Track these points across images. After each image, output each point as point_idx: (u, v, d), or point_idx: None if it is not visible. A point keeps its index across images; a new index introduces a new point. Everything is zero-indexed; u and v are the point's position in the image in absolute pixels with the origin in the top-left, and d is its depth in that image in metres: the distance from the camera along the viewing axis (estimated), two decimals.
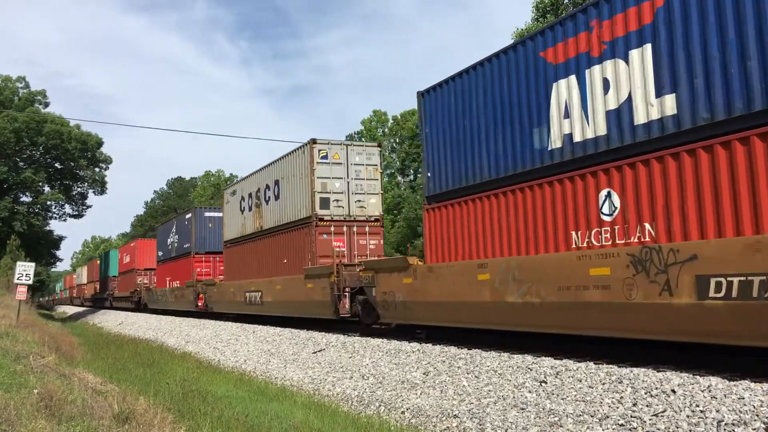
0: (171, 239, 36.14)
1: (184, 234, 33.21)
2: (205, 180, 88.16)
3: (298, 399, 10.69)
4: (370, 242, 19.19)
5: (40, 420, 5.81)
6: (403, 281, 13.78)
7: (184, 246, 32.74)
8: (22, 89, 48.32)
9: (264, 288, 21.48)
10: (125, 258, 50.03)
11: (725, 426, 6.33)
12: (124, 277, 50.13)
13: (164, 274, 36.99)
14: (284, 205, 20.83)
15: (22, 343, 12.82)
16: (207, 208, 33.74)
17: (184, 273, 32.04)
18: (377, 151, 19.97)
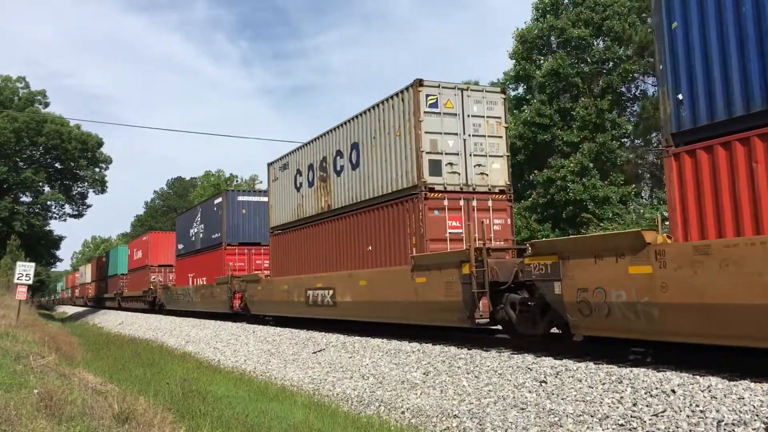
0: (194, 230, 31.82)
1: (212, 223, 28.69)
2: (205, 180, 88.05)
3: (298, 399, 10.69)
4: (494, 221, 14.37)
5: (40, 420, 5.81)
6: (629, 271, 8.84)
7: (213, 237, 28.43)
8: (22, 89, 48.36)
9: (338, 284, 16.63)
10: (136, 254, 45.84)
11: (725, 426, 6.33)
12: (134, 274, 45.90)
13: (186, 269, 32.98)
14: (367, 175, 16.08)
15: (22, 343, 12.83)
16: (241, 191, 28.50)
17: (213, 268, 27.77)
18: (501, 99, 15.01)
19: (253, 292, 22.60)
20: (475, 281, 11.41)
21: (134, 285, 45.06)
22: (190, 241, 32.59)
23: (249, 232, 26.88)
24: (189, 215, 33.88)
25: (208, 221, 29.43)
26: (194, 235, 31.65)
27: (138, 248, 45.37)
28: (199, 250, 30.80)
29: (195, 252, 31.49)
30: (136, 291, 43.08)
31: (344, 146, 17.30)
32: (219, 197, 27.97)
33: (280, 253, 21.44)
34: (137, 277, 44.44)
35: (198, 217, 31.29)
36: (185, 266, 33.25)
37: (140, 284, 42.54)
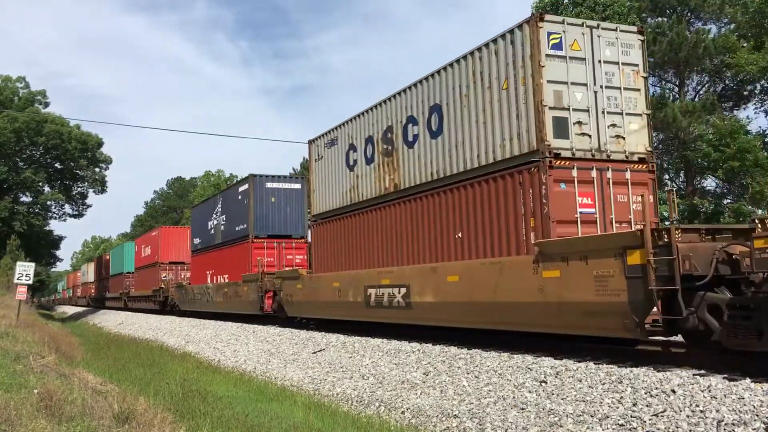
0: (214, 221, 28.60)
1: (236, 213, 25.53)
2: (205, 180, 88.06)
3: (298, 399, 10.69)
4: (633, 198, 11.08)
5: (40, 420, 5.81)
6: None
7: (237, 229, 25.25)
8: (22, 89, 48.38)
9: (415, 281, 13.40)
10: (144, 250, 42.25)
11: (725, 426, 6.33)
12: (142, 272, 42.60)
13: (203, 266, 29.68)
14: (454, 144, 12.82)
15: (22, 343, 12.83)
16: (270, 177, 24.52)
17: (237, 264, 24.78)
18: (638, 42, 11.65)
19: (291, 291, 19.39)
20: (654, 275, 8.26)
21: (142, 284, 42.08)
22: (208, 235, 29.43)
23: (279, 224, 23.96)
24: (207, 206, 30.42)
25: (231, 212, 26.34)
26: (214, 228, 28.54)
27: (146, 244, 41.91)
28: (219, 244, 27.68)
29: (215, 246, 28.33)
30: (145, 290, 40.23)
31: (419, 110, 14.03)
32: (244, 184, 24.63)
33: (326, 244, 17.88)
34: (145, 275, 41.18)
35: (218, 207, 28.06)
36: (203, 262, 29.94)
37: (149, 283, 39.53)
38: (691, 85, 31.97)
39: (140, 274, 43.26)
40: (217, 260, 27.71)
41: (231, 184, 30.22)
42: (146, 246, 41.60)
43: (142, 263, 42.30)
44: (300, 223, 24.38)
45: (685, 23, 29.98)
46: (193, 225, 33.09)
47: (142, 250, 42.80)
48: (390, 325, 14.99)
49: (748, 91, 30.82)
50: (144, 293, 40.32)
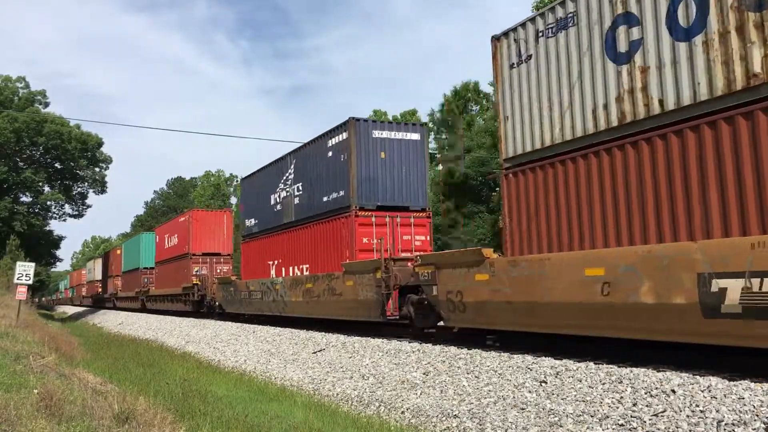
0: (281, 194, 21.44)
1: (323, 177, 18.45)
2: (205, 180, 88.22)
3: (298, 399, 10.69)
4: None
5: (40, 420, 5.81)
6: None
7: (326, 200, 18.15)
8: (22, 89, 48.39)
9: None
10: (169, 240, 35.66)
11: (725, 426, 6.33)
12: (166, 267, 35.95)
13: (262, 255, 22.76)
14: None
15: (22, 343, 12.83)
16: (378, 123, 17.75)
17: (326, 249, 17.99)
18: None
19: (462, 287, 12.08)
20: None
21: (166, 281, 35.51)
22: (271, 213, 22.28)
23: (391, 190, 17.07)
24: (268, 175, 22.85)
25: (314, 176, 19.15)
26: (281, 203, 21.42)
27: (172, 233, 35.05)
28: (291, 224, 20.50)
29: (283, 228, 21.15)
30: (171, 288, 33.68)
31: None
32: (340, 133, 17.45)
33: (540, 206, 10.80)
34: (171, 270, 34.56)
35: (289, 173, 20.92)
36: (261, 251, 22.92)
37: (176, 279, 32.87)
38: None
39: (164, 270, 36.73)
40: (286, 246, 20.68)
41: (313, 138, 19.38)
42: (171, 235, 34.99)
43: (166, 256, 36.00)
44: (420, 189, 17.70)
45: None
46: (246, 202, 25.09)
47: (166, 240, 36.20)
48: None
49: None
50: (170, 292, 33.72)
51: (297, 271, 19.97)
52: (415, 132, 17.87)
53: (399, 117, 59.27)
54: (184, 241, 32.54)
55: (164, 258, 36.82)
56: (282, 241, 21.35)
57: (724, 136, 7.96)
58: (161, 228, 39.23)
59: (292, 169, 20.98)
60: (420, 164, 17.79)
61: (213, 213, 34.27)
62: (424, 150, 17.96)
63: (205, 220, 32.49)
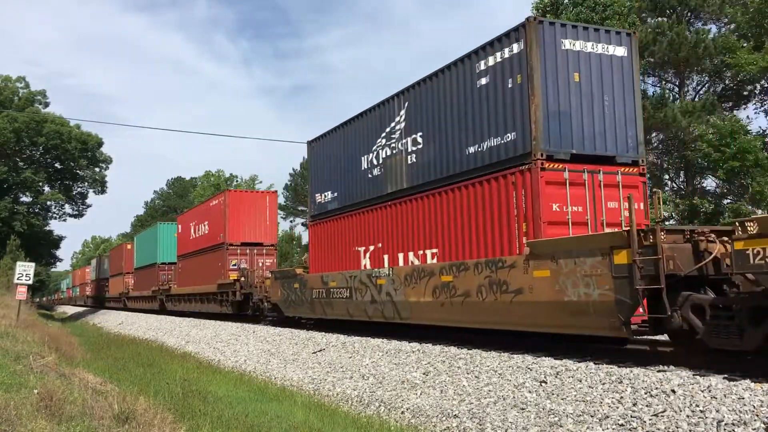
0: (383, 151, 15.39)
1: (470, 114, 12.56)
2: (205, 180, 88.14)
3: (298, 399, 10.69)
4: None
5: (40, 420, 5.81)
6: None
7: (474, 150, 12.33)
8: (22, 89, 48.38)
9: None
10: (197, 229, 30.22)
11: (725, 426, 6.33)
12: (192, 261, 30.63)
13: (346, 241, 16.87)
14: None
15: (22, 343, 12.83)
16: (567, 26, 11.70)
17: (479, 225, 12.08)
18: None
19: None
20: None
21: (193, 277, 30.26)
22: (361, 182, 16.30)
23: (590, 132, 11.40)
24: (358, 129, 16.68)
25: (445, 118, 13.29)
26: (383, 164, 15.39)
27: (200, 220, 29.78)
28: (403, 192, 14.57)
29: (386, 199, 15.22)
30: (202, 285, 28.35)
31: None
32: (506, 46, 11.69)
33: None
34: (199, 264, 29.28)
35: (398, 120, 14.91)
36: (345, 233, 16.97)
37: (207, 275, 27.52)
38: (691, 85, 31.95)
39: (189, 264, 31.28)
40: (392, 224, 14.80)
41: (444, 66, 13.57)
42: (200, 223, 29.75)
43: (193, 248, 30.70)
44: (630, 130, 11.76)
45: (685, 23, 29.98)
46: (314, 172, 19.18)
47: (193, 229, 30.91)
48: None
49: (748, 91, 30.79)
50: (200, 290, 28.69)
51: (414, 259, 13.92)
52: (620, 44, 11.88)
53: None
54: (218, 228, 26.87)
55: (190, 251, 31.14)
56: (383, 218, 15.19)
57: None
58: (185, 216, 33.44)
59: (402, 115, 14.80)
60: (628, 92, 11.80)
61: (254, 194, 28.35)
62: (633, 70, 11.94)
63: (245, 203, 26.61)
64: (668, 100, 30.02)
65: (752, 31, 28.95)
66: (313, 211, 19.10)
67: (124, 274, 46.61)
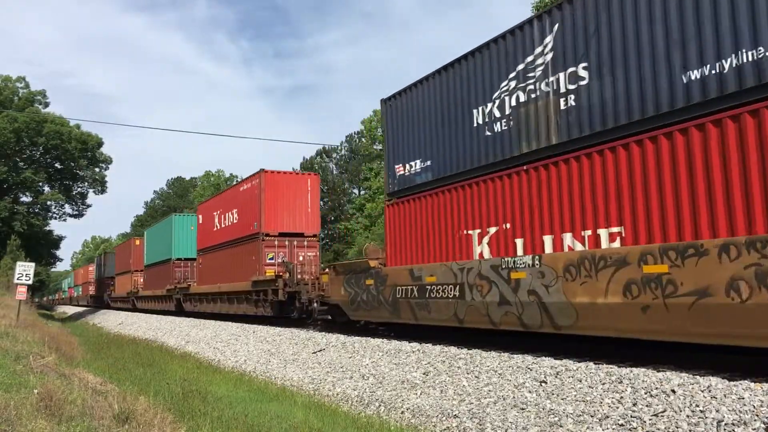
0: (512, 96, 11.24)
1: (699, 18, 8.12)
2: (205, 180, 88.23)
3: (298, 399, 10.69)
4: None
5: (40, 420, 5.81)
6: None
7: (704, 73, 8.05)
8: (22, 89, 48.43)
9: None
10: (223, 219, 26.56)
11: (725, 426, 6.34)
12: (217, 256, 26.87)
13: (445, 222, 12.87)
14: None
15: (22, 343, 12.83)
16: None
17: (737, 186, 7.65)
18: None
19: None
20: None
21: (218, 273, 26.48)
22: (472, 143, 12.30)
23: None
24: (462, 72, 12.69)
25: (636, 34, 9.16)
26: (511, 116, 11.39)
27: (227, 208, 26.14)
28: (550, 150, 10.51)
29: (515, 163, 11.25)
30: (231, 283, 24.74)
31: None
32: None
33: None
34: (227, 258, 25.61)
35: (543, 50, 10.77)
36: (442, 213, 13.05)
37: (237, 271, 24.16)
38: None
39: (213, 259, 27.53)
40: (523, 199, 10.92)
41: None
42: (227, 211, 26.16)
43: (218, 240, 26.90)
44: None
45: None
46: (392, 137, 15.36)
47: (218, 219, 27.18)
48: None
49: None
50: (229, 288, 24.79)
51: (574, 242, 9.93)
52: None
53: None
54: (251, 217, 23.36)
55: (214, 244, 27.22)
56: (514, 190, 11.20)
57: None
58: (208, 204, 29.58)
59: (548, 43, 10.75)
60: None
61: (293, 175, 23.92)
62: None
63: (282, 187, 22.78)
64: None
65: None
66: (393, 187, 15.08)
67: (132, 272, 43.12)
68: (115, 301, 50.13)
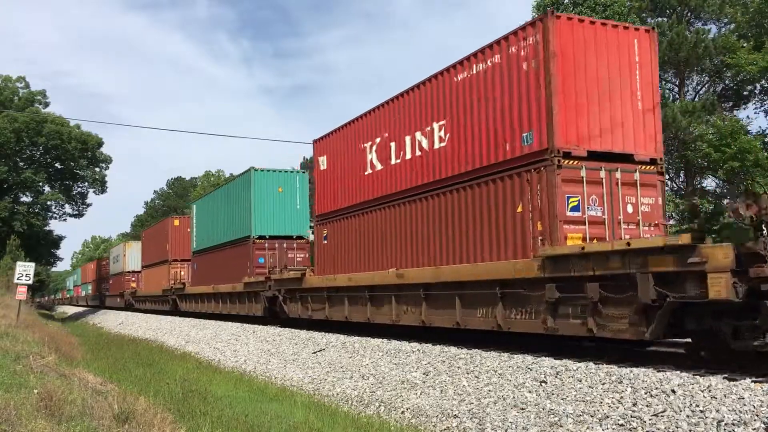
0: None
1: None
2: (205, 180, 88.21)
3: (298, 399, 10.69)
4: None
5: (40, 420, 5.81)
6: None
7: None
8: (22, 89, 48.41)
9: None
10: (387, 151, 14.68)
11: (725, 426, 6.33)
12: (375, 217, 15.15)
13: None
14: None
15: (22, 343, 12.83)
16: None
17: None
18: None
19: None
20: None
21: (387, 252, 14.69)
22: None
23: None
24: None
25: None
26: None
27: (398, 131, 14.47)
28: None
29: None
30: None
31: None
32: None
33: None
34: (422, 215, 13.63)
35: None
36: None
37: None
38: (691, 85, 31.95)
39: (366, 222, 15.82)
40: None
41: None
42: (398, 137, 14.49)
43: (396, 186, 14.64)
44: None
45: (685, 23, 29.98)
46: None
47: (379, 151, 15.23)
48: None
49: (748, 91, 30.78)
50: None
51: None
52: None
53: None
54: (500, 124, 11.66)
55: (382, 195, 15.08)
56: None
57: None
58: (342, 132, 17.11)
59: None
60: None
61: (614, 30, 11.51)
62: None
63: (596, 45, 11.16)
64: (668, 100, 30.00)
65: (752, 31, 28.95)
66: None
67: (170, 263, 33.63)
68: (141, 301, 40.10)
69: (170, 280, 33.35)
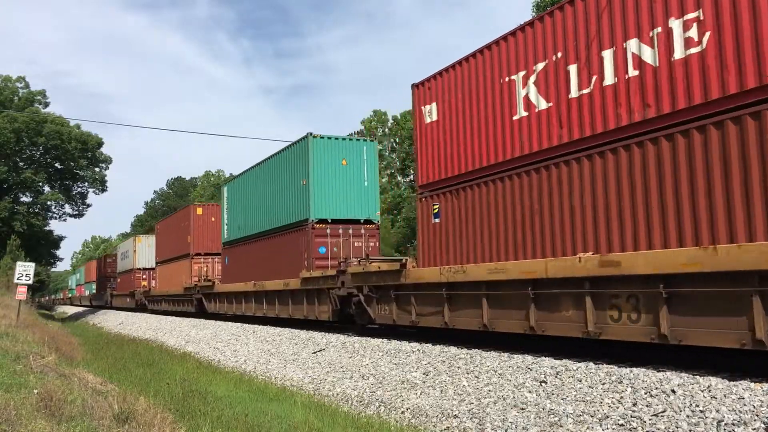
0: None
1: None
2: (205, 180, 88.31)
3: (298, 399, 10.69)
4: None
5: (40, 420, 5.81)
6: None
7: None
8: (22, 89, 48.43)
9: None
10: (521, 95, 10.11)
11: (725, 426, 6.33)
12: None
13: None
14: None
15: (22, 343, 12.83)
16: None
17: None
18: None
19: None
20: None
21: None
22: None
23: None
24: None
25: None
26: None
27: None
28: None
29: None
30: None
31: None
32: None
33: None
34: None
35: None
36: None
37: None
38: None
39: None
40: None
41: None
42: None
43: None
44: None
45: None
46: None
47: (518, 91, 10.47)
48: None
49: None
50: None
51: None
52: None
53: (399, 117, 59.31)
54: None
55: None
56: None
57: None
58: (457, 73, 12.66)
59: None
60: None
61: None
62: None
63: None
64: None
65: None
66: None
67: (193, 257, 29.06)
68: (155, 301, 35.39)
69: (193, 277, 28.49)
